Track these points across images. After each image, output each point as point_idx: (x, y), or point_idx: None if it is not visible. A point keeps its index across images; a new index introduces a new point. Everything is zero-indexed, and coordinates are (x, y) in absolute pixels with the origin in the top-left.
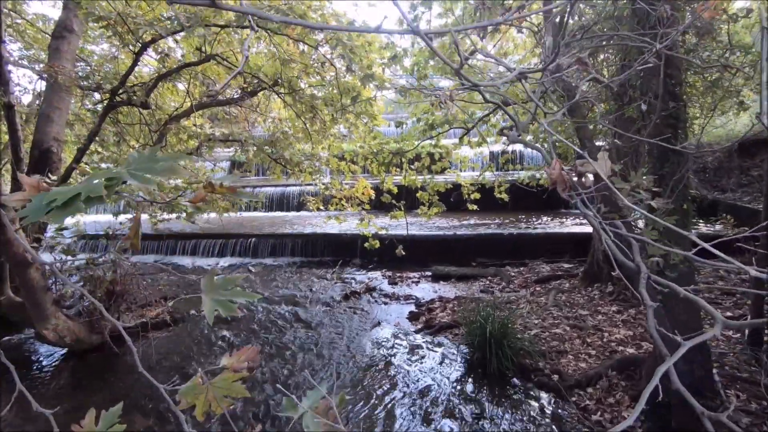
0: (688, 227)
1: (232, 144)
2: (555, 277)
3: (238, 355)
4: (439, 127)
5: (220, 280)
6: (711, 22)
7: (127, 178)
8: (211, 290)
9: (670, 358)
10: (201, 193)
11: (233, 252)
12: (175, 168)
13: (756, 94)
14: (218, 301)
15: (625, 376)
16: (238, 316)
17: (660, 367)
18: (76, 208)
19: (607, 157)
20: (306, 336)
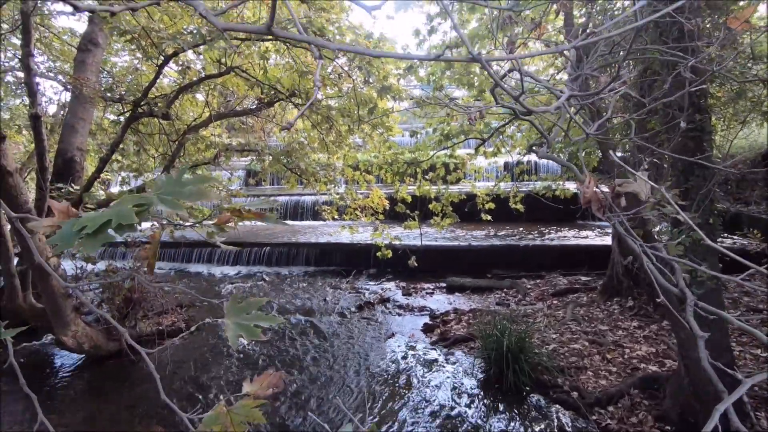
0: (714, 242)
1: (249, 153)
2: (572, 290)
3: (261, 380)
4: (455, 137)
5: (243, 304)
6: (736, 34)
7: (157, 203)
8: (234, 314)
9: (730, 396)
10: (226, 215)
11: (248, 260)
12: (203, 191)
13: None
14: (241, 326)
15: (648, 395)
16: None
17: (719, 405)
18: (106, 236)
19: (647, 177)
20: (320, 346)
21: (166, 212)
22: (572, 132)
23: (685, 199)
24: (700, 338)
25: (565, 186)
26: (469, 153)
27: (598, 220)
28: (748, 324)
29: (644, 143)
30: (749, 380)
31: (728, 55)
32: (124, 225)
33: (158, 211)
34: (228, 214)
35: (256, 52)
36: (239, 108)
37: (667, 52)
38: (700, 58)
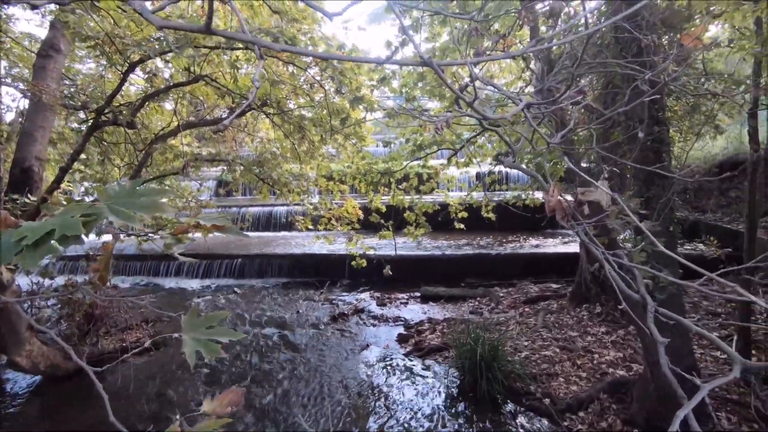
0: (675, 249)
1: (219, 164)
2: (543, 298)
3: (221, 399)
4: (428, 148)
5: (202, 318)
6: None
7: (107, 214)
8: (193, 329)
9: (689, 402)
10: (183, 226)
11: (219, 273)
12: (157, 204)
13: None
14: (200, 342)
15: (617, 399)
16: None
17: (680, 412)
18: (49, 248)
19: (607, 186)
20: (293, 360)
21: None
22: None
23: (647, 207)
24: (661, 344)
25: (534, 195)
26: (441, 163)
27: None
28: (705, 329)
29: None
30: (707, 386)
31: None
32: (69, 236)
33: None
34: (185, 225)
35: (227, 61)
36: (209, 117)
37: (626, 66)
38: (656, 72)
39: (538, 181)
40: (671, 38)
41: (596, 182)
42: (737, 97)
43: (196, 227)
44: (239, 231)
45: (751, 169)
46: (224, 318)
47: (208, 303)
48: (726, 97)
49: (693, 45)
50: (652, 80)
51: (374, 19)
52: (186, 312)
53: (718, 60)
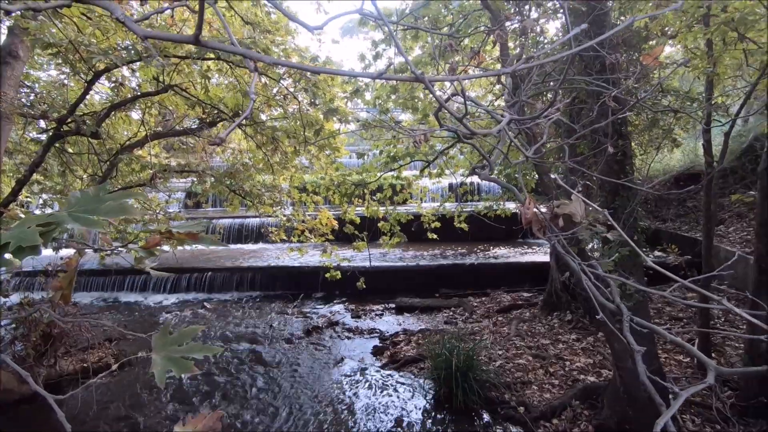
0: (639, 256)
1: (189, 175)
2: (516, 307)
3: (195, 423)
4: (401, 159)
5: (175, 335)
6: (648, 69)
7: (68, 221)
8: (164, 347)
9: (668, 410)
10: (156, 238)
11: (187, 287)
12: (124, 207)
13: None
14: (172, 360)
15: (588, 405)
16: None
17: (660, 420)
18: (3, 262)
19: (581, 199)
20: (265, 375)
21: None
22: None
23: (613, 218)
24: (637, 352)
25: (506, 206)
26: (414, 174)
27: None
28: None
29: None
30: (684, 393)
31: (643, 87)
32: (25, 248)
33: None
34: (157, 237)
35: (197, 71)
36: (179, 127)
37: (592, 83)
38: (621, 89)
39: (514, 194)
40: (630, 57)
41: (572, 194)
42: (692, 113)
43: (169, 236)
44: (214, 240)
45: (706, 182)
46: (197, 333)
47: (176, 318)
48: (681, 113)
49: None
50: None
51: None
52: (154, 330)
53: (673, 78)
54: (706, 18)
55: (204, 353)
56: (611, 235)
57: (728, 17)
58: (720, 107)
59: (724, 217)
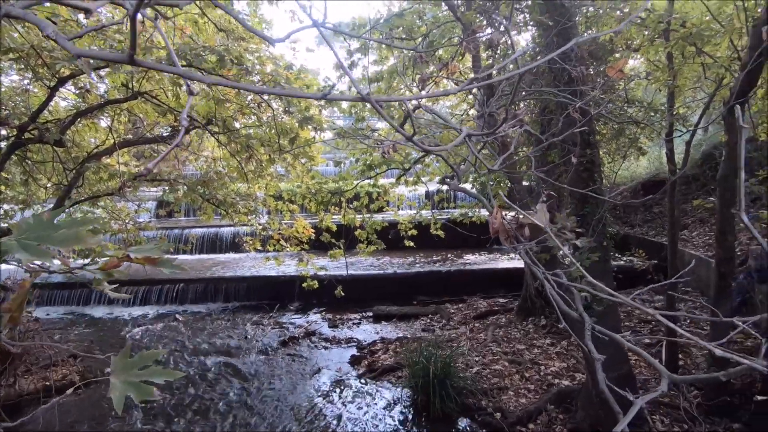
0: (608, 261)
1: (160, 183)
2: (492, 313)
3: None
4: (377, 167)
5: (135, 358)
6: (614, 81)
7: (16, 251)
8: (123, 371)
9: (625, 417)
10: (113, 261)
11: (158, 300)
12: (78, 236)
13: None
14: (131, 384)
15: (563, 409)
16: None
17: (617, 427)
18: None
19: (545, 209)
20: (240, 389)
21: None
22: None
23: (582, 224)
24: (597, 360)
25: (481, 213)
26: (391, 182)
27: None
28: (638, 336)
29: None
30: (639, 401)
31: (608, 98)
32: None
33: None
34: (115, 260)
35: (168, 78)
36: (150, 135)
37: (558, 95)
38: (585, 101)
39: (483, 203)
40: (597, 69)
41: (535, 205)
42: (655, 123)
43: (127, 260)
44: (174, 264)
45: (669, 189)
46: (159, 356)
47: (146, 333)
48: (643, 123)
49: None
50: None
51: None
52: (122, 346)
53: (637, 89)
54: (667, 33)
55: (165, 378)
56: (580, 243)
57: (686, 32)
58: (681, 117)
59: (687, 222)
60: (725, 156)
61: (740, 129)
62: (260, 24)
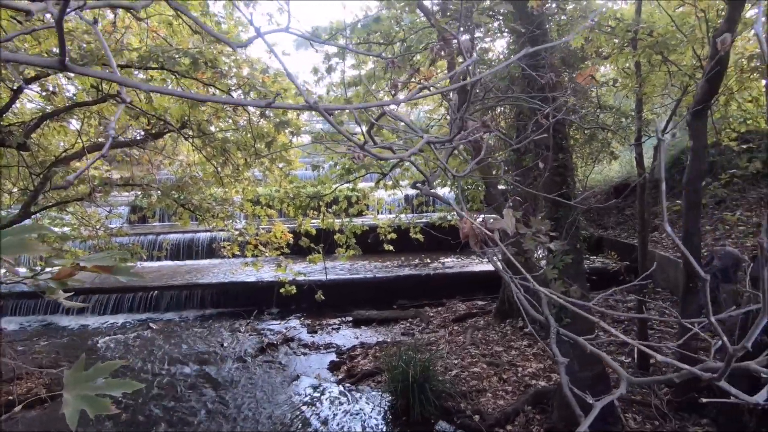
0: (582, 264)
1: (133, 188)
2: (471, 315)
3: None
4: (356, 171)
5: (90, 371)
6: (586, 87)
7: None
8: (77, 385)
9: (585, 420)
10: (66, 270)
11: (131, 308)
12: (23, 244)
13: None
14: (85, 398)
15: (540, 410)
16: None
17: (578, 429)
18: None
19: (512, 213)
20: (216, 398)
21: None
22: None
23: (556, 228)
24: (561, 364)
25: None
26: (370, 186)
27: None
28: (600, 340)
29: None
30: (598, 404)
31: (580, 104)
32: None
33: None
34: (69, 269)
35: (140, 80)
36: (122, 138)
37: (528, 101)
38: (553, 107)
39: (453, 209)
40: (569, 75)
41: (497, 202)
42: (626, 128)
43: (80, 269)
44: (132, 272)
45: (639, 192)
46: (116, 368)
47: (117, 342)
48: (610, 129)
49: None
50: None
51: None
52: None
53: (609, 95)
54: (634, 41)
55: (122, 389)
56: (553, 246)
57: (652, 41)
58: (650, 123)
59: (657, 224)
60: (690, 160)
61: (660, 142)
62: (236, 27)
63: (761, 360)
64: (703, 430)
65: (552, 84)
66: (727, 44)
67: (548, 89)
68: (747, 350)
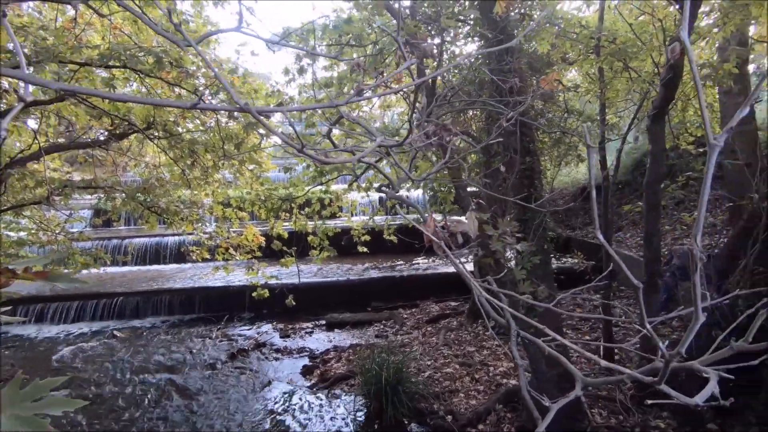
0: (549, 264)
1: (95, 191)
2: (444, 316)
3: None
4: (329, 173)
5: (28, 389)
6: (552, 92)
7: None
8: (13, 403)
9: (542, 422)
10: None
11: (93, 315)
12: None
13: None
14: (21, 419)
15: (511, 408)
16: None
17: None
18: None
19: (474, 217)
20: (185, 407)
21: None
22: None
23: (524, 229)
24: (520, 367)
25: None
26: (343, 188)
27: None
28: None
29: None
30: (555, 406)
31: (547, 108)
32: None
33: None
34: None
35: (101, 79)
36: (84, 139)
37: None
38: (519, 111)
39: (418, 212)
40: (537, 79)
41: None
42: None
43: (12, 275)
44: (73, 279)
45: (603, 194)
46: (58, 384)
47: (79, 352)
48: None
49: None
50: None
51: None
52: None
53: (576, 99)
54: (597, 48)
55: (64, 408)
56: (521, 247)
57: (613, 49)
58: (614, 127)
59: (622, 225)
60: (650, 163)
61: (589, 148)
62: (204, 26)
63: (704, 359)
64: (664, 422)
65: (517, 88)
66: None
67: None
68: (681, 355)
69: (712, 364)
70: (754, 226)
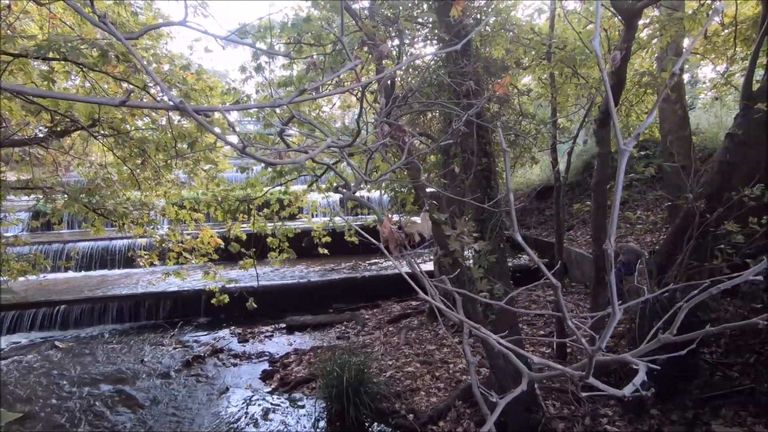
0: (506, 262)
1: (33, 192)
2: (405, 316)
3: None
4: (288, 174)
5: None
6: (507, 96)
7: None
8: None
9: (490, 417)
10: None
11: (32, 325)
12: None
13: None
14: None
15: (470, 404)
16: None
17: (482, 429)
18: None
19: (428, 217)
20: (135, 419)
21: None
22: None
23: (481, 228)
24: (472, 364)
25: (394, 218)
26: (303, 189)
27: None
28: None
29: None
30: (502, 402)
31: (503, 111)
32: None
33: None
34: None
35: (38, 72)
36: (20, 136)
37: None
38: (472, 112)
39: (374, 212)
40: (492, 83)
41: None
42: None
43: None
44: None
45: (556, 193)
46: None
47: (17, 365)
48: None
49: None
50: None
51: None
52: None
53: (530, 103)
54: (548, 54)
55: None
56: (478, 246)
57: (562, 55)
58: (564, 130)
59: (573, 224)
60: (597, 165)
61: (505, 152)
62: (155, 19)
63: (635, 351)
64: (612, 410)
65: (473, 91)
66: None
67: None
68: (602, 350)
69: (645, 355)
70: (689, 224)
